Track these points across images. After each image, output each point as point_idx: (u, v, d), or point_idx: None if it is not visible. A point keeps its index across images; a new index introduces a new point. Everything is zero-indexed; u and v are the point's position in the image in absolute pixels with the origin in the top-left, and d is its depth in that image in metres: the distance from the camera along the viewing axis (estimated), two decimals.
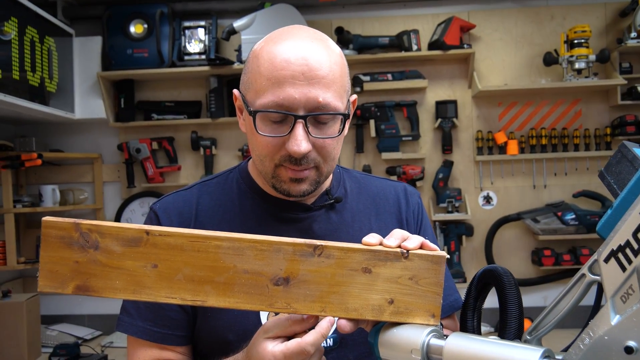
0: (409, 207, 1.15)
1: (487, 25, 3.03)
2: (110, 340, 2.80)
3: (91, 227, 0.76)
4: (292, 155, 0.93)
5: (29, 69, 2.50)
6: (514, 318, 0.81)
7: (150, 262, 0.76)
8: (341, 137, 0.99)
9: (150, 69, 2.93)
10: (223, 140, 3.11)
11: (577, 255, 2.86)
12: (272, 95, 0.90)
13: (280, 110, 0.91)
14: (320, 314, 0.78)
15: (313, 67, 0.91)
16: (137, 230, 0.76)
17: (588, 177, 2.99)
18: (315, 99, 0.90)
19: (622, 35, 2.88)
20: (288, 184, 0.97)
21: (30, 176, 3.12)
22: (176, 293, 0.77)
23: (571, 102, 3.02)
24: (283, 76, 0.90)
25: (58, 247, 0.75)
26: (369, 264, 0.78)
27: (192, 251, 0.76)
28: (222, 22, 3.06)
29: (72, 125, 3.11)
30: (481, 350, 0.69)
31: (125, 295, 0.76)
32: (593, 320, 0.70)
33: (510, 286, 0.82)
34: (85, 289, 0.76)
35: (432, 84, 3.03)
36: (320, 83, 0.91)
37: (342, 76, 0.96)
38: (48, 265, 0.76)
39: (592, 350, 0.68)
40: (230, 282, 0.77)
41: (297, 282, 0.77)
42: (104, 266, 0.76)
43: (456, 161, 3.02)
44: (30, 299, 2.63)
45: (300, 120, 0.91)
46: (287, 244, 0.77)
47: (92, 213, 3.14)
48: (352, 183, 1.15)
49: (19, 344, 2.54)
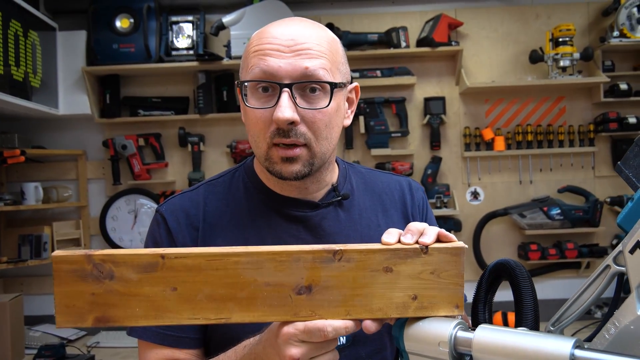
0: (415, 202, 1.16)
1: (474, 23, 3.06)
2: (97, 341, 2.75)
3: (104, 258, 0.74)
4: (279, 127, 0.92)
5: (12, 63, 2.44)
6: (530, 309, 0.82)
7: (169, 286, 0.75)
8: (336, 113, 0.97)
9: (136, 64, 2.88)
10: (211, 137, 3.08)
11: (562, 249, 2.91)
12: (258, 67, 0.92)
13: (265, 80, 0.92)
14: (345, 318, 0.78)
15: (299, 41, 0.93)
16: (152, 256, 0.75)
17: (572, 172, 3.05)
18: (300, 66, 0.91)
19: (605, 34, 2.94)
20: (280, 164, 0.95)
21: (12, 173, 3.04)
22: (199, 313, 0.76)
23: (556, 99, 3.07)
24: (269, 48, 0.92)
25: (72, 281, 0.74)
26: (389, 263, 0.78)
27: (210, 270, 0.75)
28: (210, 17, 3.02)
29: (55, 121, 3.04)
30: (511, 341, 0.69)
31: (147, 321, 0.75)
32: (618, 310, 0.71)
33: (524, 278, 0.83)
34: (105, 320, 0.75)
35: (421, 80, 3.05)
36: (306, 54, 0.92)
37: (332, 52, 0.96)
38: (64, 301, 0.74)
39: (618, 339, 0.70)
40: (253, 296, 0.76)
41: (320, 289, 0.77)
42: (122, 295, 0.74)
43: (444, 157, 3.04)
44: (13, 300, 2.56)
45: (285, 89, 0.91)
46: (306, 252, 0.76)
47: (76, 211, 3.08)
48: (357, 179, 1.14)
49: (3, 346, 2.48)
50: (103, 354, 2.62)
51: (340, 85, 0.97)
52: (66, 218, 3.08)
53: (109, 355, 2.61)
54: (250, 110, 0.95)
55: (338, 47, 1.00)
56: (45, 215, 3.07)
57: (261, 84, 0.93)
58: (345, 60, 1.02)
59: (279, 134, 0.93)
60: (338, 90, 0.97)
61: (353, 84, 1.05)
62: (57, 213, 3.09)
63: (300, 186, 1.04)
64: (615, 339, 0.70)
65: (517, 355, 0.68)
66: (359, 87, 1.08)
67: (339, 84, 0.97)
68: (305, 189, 1.04)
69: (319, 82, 0.93)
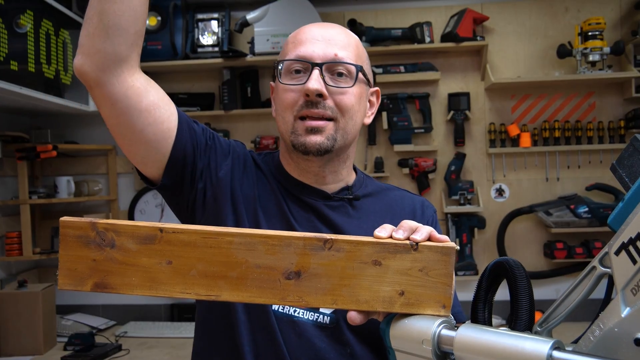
0: (424, 217, 1.18)
1: (500, 18, 3.01)
2: (125, 330, 2.84)
3: (107, 226, 0.78)
4: (309, 99, 1.01)
5: (44, 61, 2.53)
6: (525, 310, 0.81)
7: (165, 258, 0.78)
8: (359, 99, 1.07)
9: (163, 61, 2.94)
10: (236, 132, 3.13)
11: (590, 248, 2.85)
12: (294, 52, 1.04)
13: (299, 59, 1.03)
14: (331, 307, 0.80)
15: (331, 35, 1.05)
16: (151, 228, 0.78)
17: (601, 170, 2.97)
18: (331, 52, 1.03)
19: (637, 28, 2.84)
20: (304, 135, 1.03)
21: (46, 168, 3.16)
22: (190, 288, 0.78)
23: (585, 95, 2.99)
24: (305, 38, 1.05)
25: (76, 246, 0.78)
26: (378, 257, 0.79)
27: (205, 247, 0.78)
28: (235, 14, 3.06)
29: (86, 117, 3.14)
30: (491, 341, 0.69)
31: (141, 291, 0.78)
32: (603, 312, 0.70)
33: (521, 278, 0.83)
34: (103, 286, 0.78)
35: (445, 76, 3.02)
36: (337, 45, 1.04)
37: (357, 48, 1.08)
38: (67, 264, 0.78)
39: (602, 341, 0.69)
40: (243, 276, 0.78)
41: (309, 276, 0.79)
42: (120, 264, 0.78)
43: (469, 154, 3.01)
44: (46, 289, 2.67)
45: (316, 67, 1.01)
46: (298, 238, 0.78)
47: (106, 204, 3.18)
48: (373, 187, 1.19)
49: (35, 334, 2.58)
50: (130, 344, 2.70)
51: (364, 74, 1.07)
52: (97, 211, 3.18)
53: (136, 345, 2.68)
54: (282, 87, 1.04)
55: (364, 51, 1.11)
56: (77, 208, 3.17)
57: (295, 64, 1.03)
58: (369, 64, 1.12)
59: (307, 105, 1.02)
60: (362, 79, 1.06)
61: (375, 88, 1.15)
62: (88, 206, 3.19)
63: (318, 173, 1.09)
64: (599, 342, 0.69)
65: (495, 355, 0.68)
66: (379, 91, 1.17)
67: (364, 71, 1.07)
68: (323, 177, 1.10)
69: (347, 64, 1.03)
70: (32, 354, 2.57)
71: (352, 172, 1.17)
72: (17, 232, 2.78)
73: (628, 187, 0.78)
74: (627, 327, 0.64)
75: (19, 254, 2.77)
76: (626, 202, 0.74)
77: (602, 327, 0.70)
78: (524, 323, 0.81)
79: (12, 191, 2.92)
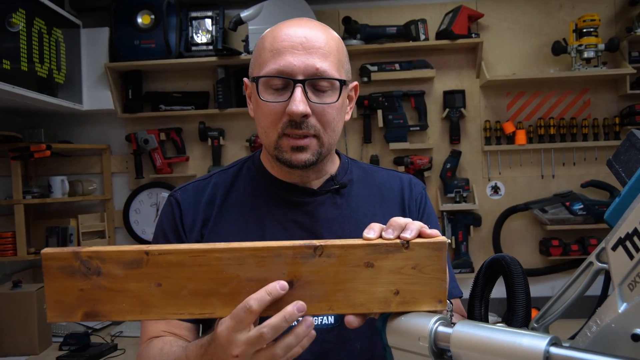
0: (412, 195, 1.19)
1: (495, 15, 3.01)
2: (120, 330, 2.83)
3: (91, 254, 0.76)
4: (292, 119, 0.98)
5: (37, 60, 2.51)
6: (522, 306, 0.81)
7: (153, 281, 0.77)
8: (341, 108, 1.05)
9: (157, 60, 2.93)
10: (231, 131, 3.11)
11: (585, 245, 2.85)
12: (273, 64, 0.99)
13: (280, 75, 0.98)
14: (328, 313, 0.79)
15: (311, 39, 0.99)
16: (136, 252, 0.76)
17: (596, 167, 2.98)
18: (313, 65, 0.98)
19: (632, 24, 2.85)
20: (289, 153, 1.02)
21: (40, 167, 3.14)
22: (183, 309, 0.77)
23: (580, 92, 3.00)
24: (283, 47, 0.99)
25: (61, 278, 0.76)
26: (370, 259, 0.78)
27: (193, 266, 0.77)
28: (229, 12, 3.05)
29: (80, 117, 3.12)
30: (488, 337, 0.69)
31: (133, 316, 0.77)
32: (600, 308, 0.70)
33: (518, 274, 0.82)
34: (93, 315, 0.77)
35: (440, 73, 3.02)
36: (317, 53, 0.99)
37: (338, 52, 1.04)
38: (54, 296, 0.76)
39: (599, 337, 0.69)
40: (236, 291, 0.77)
41: (302, 284, 0.78)
42: (108, 291, 0.76)
43: (464, 151, 3.01)
44: (41, 289, 2.65)
45: (299, 85, 0.98)
46: (287, 247, 0.77)
47: (101, 204, 3.16)
48: (358, 172, 1.19)
49: (30, 334, 2.57)
50: (126, 343, 2.69)
51: (345, 81, 1.04)
52: (91, 211, 3.17)
53: (132, 344, 2.67)
54: (263, 103, 1.01)
55: (343, 47, 1.08)
56: (72, 208, 3.16)
57: (275, 79, 0.99)
58: (347, 59, 1.09)
59: (290, 125, 0.99)
60: (344, 87, 1.04)
61: (353, 82, 1.13)
62: (83, 206, 3.18)
63: (302, 174, 1.10)
64: (596, 337, 0.69)
65: (492, 351, 0.67)
66: (357, 85, 1.15)
67: (346, 82, 1.04)
68: (307, 177, 1.11)
69: (330, 79, 1.00)
70: (27, 354, 2.56)
71: (335, 159, 1.17)
72: (11, 232, 2.76)
73: (624, 182, 0.77)
74: (624, 322, 0.64)
75: (13, 254, 2.76)
76: (623, 197, 0.74)
77: (599, 322, 0.69)
78: (521, 319, 0.81)
79: (5, 191, 2.89)
